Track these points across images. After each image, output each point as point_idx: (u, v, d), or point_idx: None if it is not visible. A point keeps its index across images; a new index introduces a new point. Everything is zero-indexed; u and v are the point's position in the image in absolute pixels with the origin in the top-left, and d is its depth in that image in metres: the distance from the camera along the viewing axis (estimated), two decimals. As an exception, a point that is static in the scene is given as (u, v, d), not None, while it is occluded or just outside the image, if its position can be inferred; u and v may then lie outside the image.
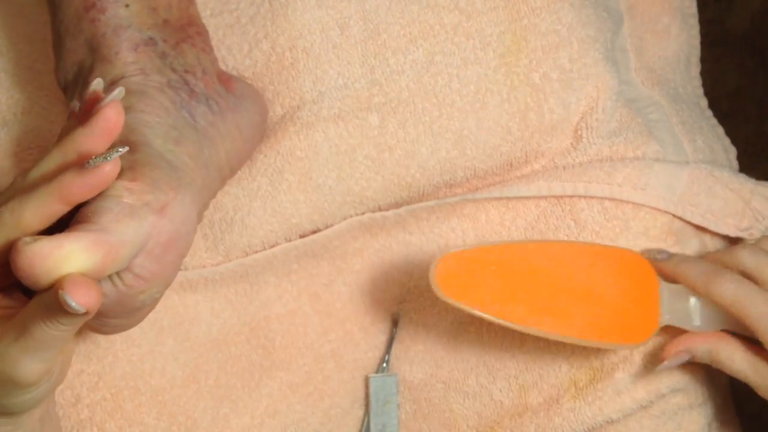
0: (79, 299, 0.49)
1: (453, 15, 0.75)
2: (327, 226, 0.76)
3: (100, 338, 0.71)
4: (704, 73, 0.92)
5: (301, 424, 0.75)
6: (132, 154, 0.56)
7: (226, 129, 0.67)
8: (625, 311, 0.70)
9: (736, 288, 0.68)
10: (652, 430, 0.75)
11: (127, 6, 0.65)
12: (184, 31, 0.68)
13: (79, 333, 0.60)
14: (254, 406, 0.75)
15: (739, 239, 0.79)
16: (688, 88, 0.90)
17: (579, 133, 0.77)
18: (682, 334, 0.71)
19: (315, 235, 0.75)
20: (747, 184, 0.76)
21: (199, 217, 0.64)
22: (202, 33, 0.70)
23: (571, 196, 0.76)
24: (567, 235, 0.76)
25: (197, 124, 0.64)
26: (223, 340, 0.74)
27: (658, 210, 0.75)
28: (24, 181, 0.55)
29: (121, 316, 0.58)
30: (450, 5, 0.75)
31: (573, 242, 0.68)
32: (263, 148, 0.75)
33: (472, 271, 0.61)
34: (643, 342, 0.71)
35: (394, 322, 0.76)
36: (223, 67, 0.74)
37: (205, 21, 0.72)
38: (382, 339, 0.76)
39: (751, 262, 0.71)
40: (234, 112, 0.69)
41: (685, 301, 0.72)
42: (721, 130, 0.90)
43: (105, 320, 0.57)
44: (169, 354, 0.73)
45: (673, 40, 0.89)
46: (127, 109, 0.61)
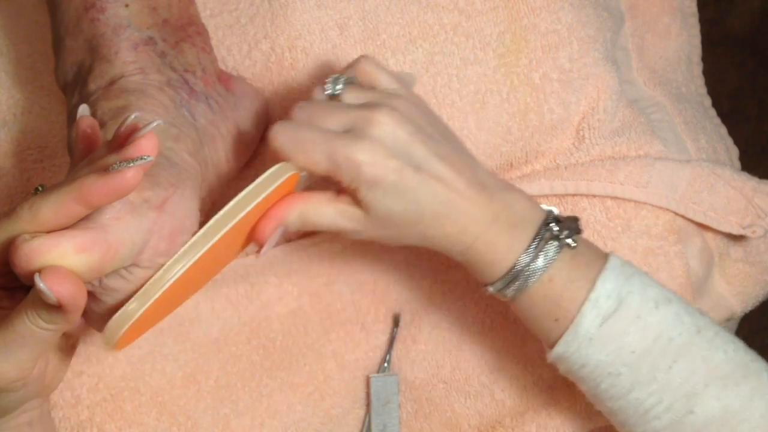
0: (53, 286, 0.48)
1: (452, 15, 0.75)
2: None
3: (100, 340, 0.71)
4: (704, 74, 0.92)
5: (302, 424, 0.75)
6: None
7: (225, 128, 0.67)
8: None
9: (291, 136, 0.61)
10: None
11: (127, 6, 0.65)
12: (183, 31, 0.68)
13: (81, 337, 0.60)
14: (255, 406, 0.74)
15: (742, 237, 0.79)
16: (691, 87, 0.90)
17: (581, 133, 0.77)
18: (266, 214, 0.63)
19: (316, 236, 0.75)
20: (749, 182, 0.76)
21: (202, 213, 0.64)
22: (202, 32, 0.70)
23: (573, 195, 0.76)
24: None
25: (197, 123, 0.64)
26: (223, 341, 0.74)
27: (660, 208, 0.75)
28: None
29: None
30: (449, 5, 0.75)
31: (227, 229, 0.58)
32: (261, 150, 0.75)
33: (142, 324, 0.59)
34: None
35: (395, 322, 0.76)
36: (222, 68, 0.74)
37: (204, 21, 0.72)
38: (383, 339, 0.76)
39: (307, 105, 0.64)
40: (234, 111, 0.69)
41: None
42: (724, 130, 0.90)
43: None
44: (169, 354, 0.73)
45: (674, 39, 0.89)
46: (126, 108, 0.61)
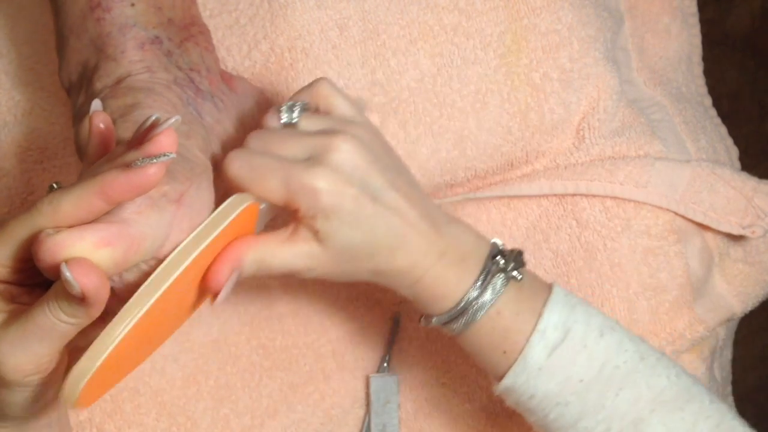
0: (79, 277, 0.48)
1: (452, 15, 0.75)
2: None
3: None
4: (704, 74, 0.92)
5: (302, 424, 0.75)
6: None
7: (231, 126, 0.67)
8: None
9: (247, 163, 0.59)
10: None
11: (133, 5, 0.65)
12: (187, 30, 0.68)
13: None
14: (254, 406, 0.74)
15: (742, 237, 0.78)
16: (692, 87, 0.89)
17: (581, 133, 0.77)
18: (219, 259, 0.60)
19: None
20: (749, 182, 0.76)
21: None
22: (205, 32, 0.70)
23: (573, 195, 0.76)
24: (569, 234, 0.76)
25: (204, 121, 0.64)
26: (223, 341, 0.74)
27: (660, 208, 0.75)
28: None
29: None
30: (449, 5, 0.75)
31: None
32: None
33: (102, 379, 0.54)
34: None
35: (395, 322, 0.76)
36: (222, 68, 0.74)
37: (204, 22, 0.72)
38: (383, 339, 0.76)
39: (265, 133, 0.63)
40: (237, 110, 0.69)
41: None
42: (724, 130, 0.90)
43: None
44: (168, 354, 0.73)
45: (674, 39, 0.89)
46: (135, 106, 0.61)
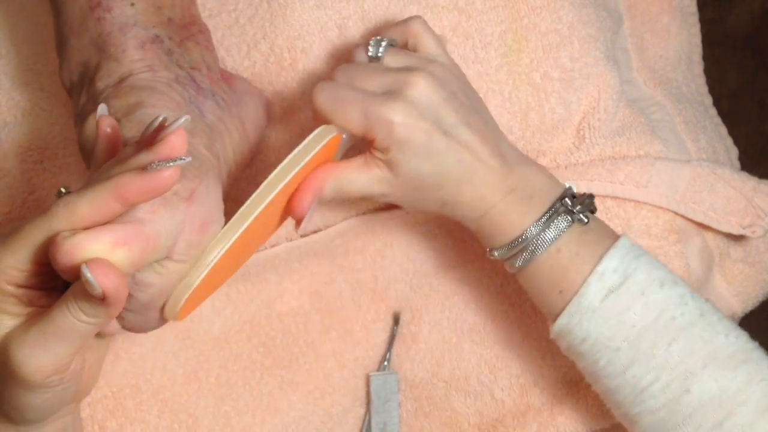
0: (99, 277, 0.48)
1: (452, 15, 0.75)
2: (328, 226, 0.76)
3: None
4: (704, 74, 0.92)
5: (302, 423, 0.75)
6: None
7: (232, 124, 0.67)
8: None
9: (331, 95, 0.64)
10: None
11: (133, 4, 0.65)
12: (187, 30, 0.68)
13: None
14: (255, 404, 0.75)
15: (742, 237, 0.78)
16: (692, 86, 0.89)
17: (581, 132, 0.77)
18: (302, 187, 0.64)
19: (316, 234, 0.75)
20: (749, 182, 0.76)
21: None
22: (204, 31, 0.70)
23: (573, 195, 0.76)
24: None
25: (206, 119, 0.65)
26: (224, 338, 0.74)
27: (660, 208, 0.75)
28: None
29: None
30: (449, 5, 0.75)
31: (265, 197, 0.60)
32: (263, 148, 0.75)
33: (200, 292, 0.60)
34: None
35: (395, 321, 0.76)
36: (221, 67, 0.74)
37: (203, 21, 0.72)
38: (383, 337, 0.76)
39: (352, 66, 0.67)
40: (238, 108, 0.69)
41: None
42: (724, 130, 0.90)
43: (149, 314, 0.57)
44: (170, 352, 0.73)
45: (674, 39, 0.89)
46: (138, 105, 0.61)
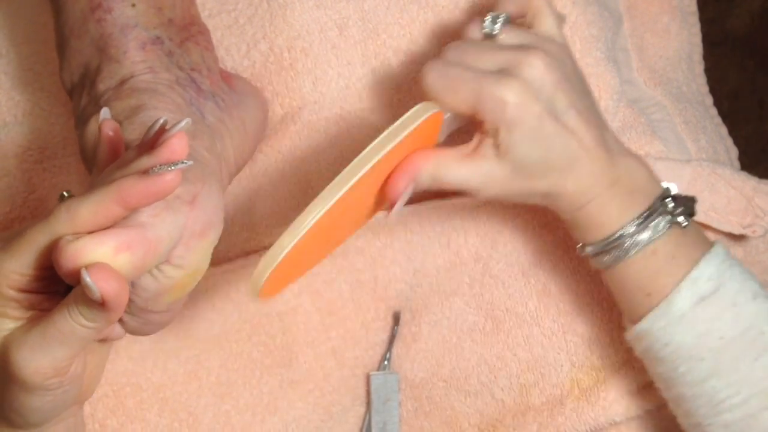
0: (98, 282, 0.48)
1: (453, 15, 0.75)
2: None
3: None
4: (704, 73, 0.92)
5: (302, 422, 0.75)
6: None
7: (233, 125, 0.67)
8: None
9: (441, 74, 0.62)
10: None
11: (134, 5, 0.65)
12: (187, 30, 0.68)
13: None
14: (255, 403, 0.74)
15: (742, 237, 0.78)
16: (692, 86, 0.89)
17: (582, 132, 0.77)
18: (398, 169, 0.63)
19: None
20: (749, 182, 0.76)
21: None
22: (204, 32, 0.70)
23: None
24: (569, 234, 0.76)
25: (206, 120, 0.65)
26: (224, 337, 0.74)
27: (661, 208, 0.75)
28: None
29: (162, 310, 0.58)
30: (450, 5, 0.75)
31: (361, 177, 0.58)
32: (264, 148, 0.75)
33: (287, 269, 0.57)
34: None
35: (396, 320, 0.76)
36: (221, 67, 0.74)
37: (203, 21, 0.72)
38: (383, 337, 0.76)
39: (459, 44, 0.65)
40: (238, 109, 0.69)
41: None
42: (724, 130, 0.90)
43: (147, 316, 0.57)
44: (170, 350, 0.73)
45: (674, 39, 0.89)
46: (140, 108, 0.61)
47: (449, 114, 0.62)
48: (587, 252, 0.65)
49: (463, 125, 0.65)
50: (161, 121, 0.54)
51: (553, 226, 0.75)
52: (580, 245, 0.66)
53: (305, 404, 0.75)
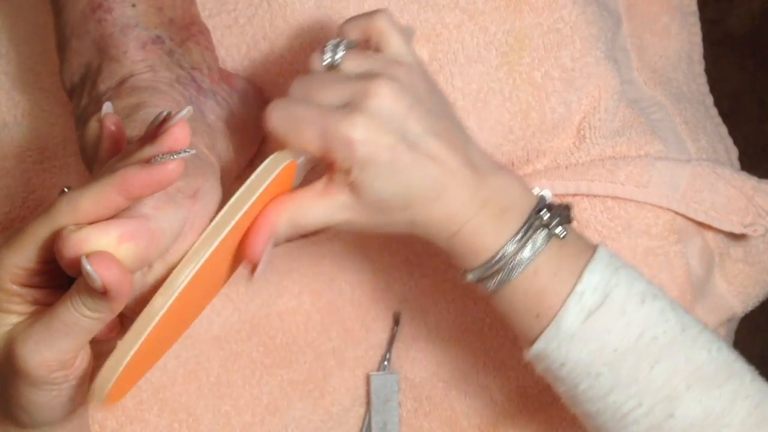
0: (99, 270, 0.48)
1: (454, 14, 0.75)
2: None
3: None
4: (704, 73, 0.92)
5: (302, 422, 0.75)
6: None
7: (233, 123, 0.68)
8: None
9: (285, 114, 0.57)
10: None
11: (134, 6, 0.65)
12: (188, 30, 0.68)
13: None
14: (255, 403, 0.75)
15: (742, 237, 0.78)
16: (693, 86, 0.89)
17: (582, 132, 0.77)
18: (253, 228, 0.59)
19: (315, 236, 0.75)
20: (749, 181, 0.76)
21: None
22: (204, 32, 0.70)
23: (574, 195, 0.76)
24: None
25: (207, 119, 0.65)
26: (224, 338, 0.74)
27: (661, 208, 0.75)
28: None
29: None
30: (450, 4, 0.75)
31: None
32: (263, 149, 0.75)
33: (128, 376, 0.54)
34: None
35: (396, 321, 0.76)
36: (221, 67, 0.74)
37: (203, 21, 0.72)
38: (383, 337, 0.76)
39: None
40: (239, 108, 0.69)
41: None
42: (724, 130, 0.90)
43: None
44: (170, 351, 0.73)
45: (674, 38, 0.89)
46: (140, 105, 0.61)
47: (302, 158, 0.58)
48: (470, 279, 0.62)
49: (318, 164, 0.61)
50: (164, 113, 0.54)
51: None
52: (462, 272, 0.63)
53: (305, 405, 0.75)
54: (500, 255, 0.60)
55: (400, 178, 0.58)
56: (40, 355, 0.52)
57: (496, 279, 0.61)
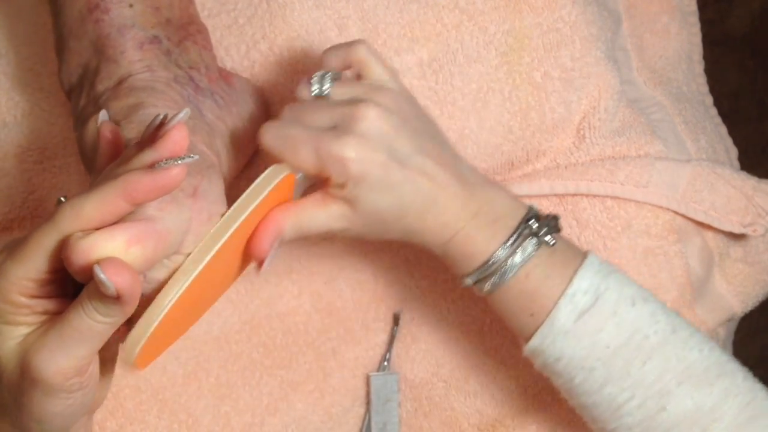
0: (112, 276, 0.48)
1: (453, 14, 0.75)
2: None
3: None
4: (704, 73, 0.92)
5: (302, 422, 0.75)
6: None
7: (232, 122, 0.68)
8: None
9: (279, 134, 0.60)
10: None
11: (131, 6, 0.65)
12: (185, 30, 0.68)
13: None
14: (255, 404, 0.75)
15: (742, 236, 0.78)
16: (692, 86, 0.89)
17: (582, 132, 0.77)
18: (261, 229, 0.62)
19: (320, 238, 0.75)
20: (749, 181, 0.76)
21: None
22: (203, 31, 0.70)
23: (574, 195, 0.76)
24: (569, 234, 0.76)
25: (205, 118, 0.65)
26: (224, 338, 0.74)
27: (661, 208, 0.75)
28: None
29: None
30: (450, 4, 0.75)
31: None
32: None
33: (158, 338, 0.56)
34: None
35: (395, 321, 0.76)
36: (220, 66, 0.74)
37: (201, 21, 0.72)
38: (383, 337, 0.76)
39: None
40: (238, 107, 0.69)
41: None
42: (724, 130, 0.90)
43: None
44: (170, 352, 0.73)
45: (674, 38, 0.89)
46: (138, 106, 0.61)
47: (300, 175, 0.61)
48: (467, 282, 0.65)
49: (315, 183, 0.63)
50: (161, 116, 0.54)
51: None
52: (460, 277, 0.65)
53: (305, 405, 0.75)
54: (492, 260, 0.63)
55: (393, 192, 0.61)
56: (56, 364, 0.51)
57: (490, 282, 0.64)
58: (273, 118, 0.62)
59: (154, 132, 0.53)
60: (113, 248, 0.49)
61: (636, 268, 0.75)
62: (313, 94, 0.63)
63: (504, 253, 0.63)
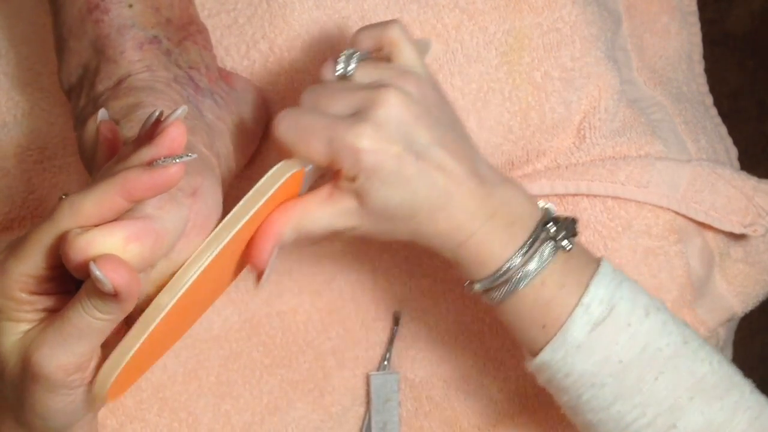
0: (108, 273, 0.48)
1: (453, 14, 0.75)
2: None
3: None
4: (704, 73, 0.92)
5: (302, 422, 0.75)
6: None
7: (231, 122, 0.68)
8: None
9: (294, 123, 0.58)
10: None
11: (131, 6, 0.65)
12: (185, 30, 0.68)
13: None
14: (255, 403, 0.75)
15: (742, 237, 0.78)
16: (692, 86, 0.89)
17: (582, 132, 0.77)
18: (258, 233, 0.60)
19: (322, 242, 0.75)
20: (749, 181, 0.76)
21: None
22: (203, 31, 0.70)
23: (574, 195, 0.75)
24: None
25: (205, 118, 0.65)
26: (224, 337, 0.74)
27: (661, 208, 0.75)
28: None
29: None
30: (450, 4, 0.75)
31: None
32: (263, 148, 0.75)
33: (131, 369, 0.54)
34: None
35: (396, 320, 0.76)
36: (220, 66, 0.74)
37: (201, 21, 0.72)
38: (383, 337, 0.76)
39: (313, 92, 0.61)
40: (237, 106, 0.69)
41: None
42: (724, 130, 0.90)
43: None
44: (170, 351, 0.73)
45: (674, 38, 0.88)
46: (137, 105, 0.61)
47: (310, 166, 0.59)
48: (476, 290, 0.62)
49: (326, 173, 0.61)
50: (157, 113, 0.54)
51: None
52: (467, 283, 0.63)
53: (305, 404, 0.75)
54: (507, 266, 0.60)
55: (406, 187, 0.58)
56: (57, 360, 0.52)
57: (503, 290, 0.61)
58: (290, 106, 0.60)
59: (151, 129, 0.53)
60: (111, 245, 0.49)
61: (636, 269, 0.75)
62: (338, 74, 0.61)
63: (520, 260, 0.60)
